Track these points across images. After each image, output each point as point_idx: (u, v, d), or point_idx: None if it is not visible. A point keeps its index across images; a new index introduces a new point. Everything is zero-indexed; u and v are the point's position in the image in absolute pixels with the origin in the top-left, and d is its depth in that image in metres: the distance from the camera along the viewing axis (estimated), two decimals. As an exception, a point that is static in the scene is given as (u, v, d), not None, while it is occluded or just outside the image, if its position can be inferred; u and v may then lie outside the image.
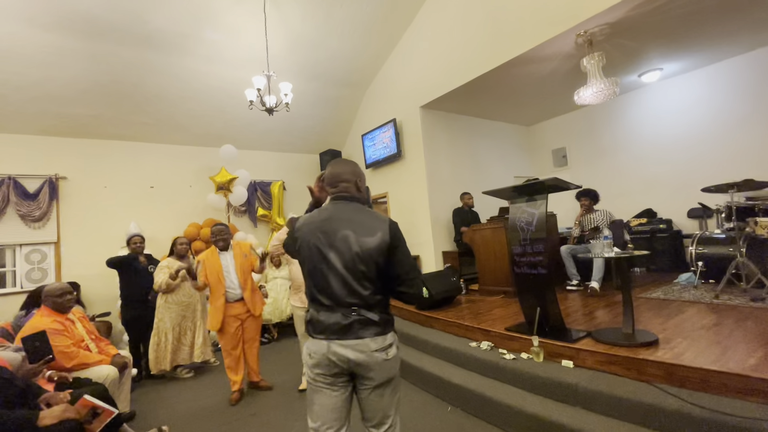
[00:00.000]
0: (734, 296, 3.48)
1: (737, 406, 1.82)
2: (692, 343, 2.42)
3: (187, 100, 5.44)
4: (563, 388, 2.35)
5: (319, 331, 1.46)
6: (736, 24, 3.99)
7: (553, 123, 7.11)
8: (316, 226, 1.51)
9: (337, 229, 1.47)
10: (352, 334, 1.42)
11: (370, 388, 1.46)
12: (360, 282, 1.43)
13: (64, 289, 2.81)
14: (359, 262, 1.43)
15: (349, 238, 1.45)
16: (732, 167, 4.72)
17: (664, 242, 5.21)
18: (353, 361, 1.41)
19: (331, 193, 1.60)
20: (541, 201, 2.94)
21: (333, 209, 1.55)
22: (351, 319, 1.42)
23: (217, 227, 3.37)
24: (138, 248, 4.16)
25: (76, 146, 5.27)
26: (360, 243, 1.44)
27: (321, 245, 1.47)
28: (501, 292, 4.60)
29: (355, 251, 1.43)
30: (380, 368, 1.43)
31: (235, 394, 3.27)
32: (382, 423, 1.49)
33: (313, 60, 5.69)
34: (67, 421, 1.91)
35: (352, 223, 1.48)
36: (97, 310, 4.83)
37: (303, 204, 7.07)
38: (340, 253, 1.45)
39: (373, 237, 1.44)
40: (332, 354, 1.42)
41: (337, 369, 1.44)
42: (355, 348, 1.41)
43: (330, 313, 1.45)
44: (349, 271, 1.43)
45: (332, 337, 1.43)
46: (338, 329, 1.42)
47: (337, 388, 1.47)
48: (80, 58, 4.46)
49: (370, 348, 1.42)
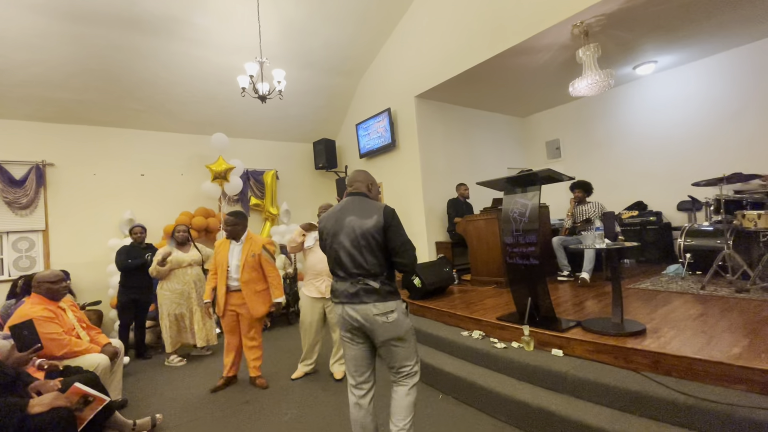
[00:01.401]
0: (720, 287, 3.56)
1: (721, 394, 1.87)
2: (679, 332, 2.47)
3: (177, 86, 5.33)
4: (553, 376, 2.39)
5: (336, 296, 1.87)
6: (730, 16, 3.99)
7: (547, 114, 7.11)
8: (332, 216, 1.93)
9: (345, 216, 1.87)
10: (357, 299, 1.78)
11: (380, 343, 1.82)
12: (363, 256, 1.79)
13: (59, 275, 2.80)
14: (361, 239, 1.79)
15: (353, 222, 1.83)
16: (723, 161, 4.77)
17: (654, 234, 5.28)
18: (359, 322, 1.78)
19: (347, 192, 2.03)
20: (534, 192, 2.96)
21: (345, 202, 1.96)
22: (357, 287, 1.78)
23: (227, 216, 3.28)
24: (139, 238, 4.33)
25: (63, 132, 5.15)
26: (360, 224, 1.81)
27: (335, 229, 1.87)
28: (493, 282, 4.65)
29: (358, 231, 1.80)
30: (382, 329, 1.76)
31: (220, 380, 3.31)
32: (401, 369, 1.85)
33: (306, 47, 5.60)
34: (58, 409, 1.90)
35: (356, 210, 1.87)
36: (87, 299, 4.79)
37: (296, 194, 7.04)
38: (346, 233, 1.83)
39: (370, 219, 1.81)
40: (345, 315, 1.82)
41: (351, 327, 1.83)
42: (359, 311, 1.77)
43: (342, 282, 1.84)
44: (354, 248, 1.80)
45: (344, 301, 1.81)
46: (348, 295, 1.80)
47: (356, 343, 1.87)
48: (67, 41, 4.33)
49: (372, 312, 1.75)
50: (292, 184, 7.08)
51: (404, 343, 1.82)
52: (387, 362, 1.86)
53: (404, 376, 1.85)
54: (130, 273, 4.19)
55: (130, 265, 4.14)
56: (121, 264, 4.16)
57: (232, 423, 2.70)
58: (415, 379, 1.87)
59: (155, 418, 2.68)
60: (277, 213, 6.52)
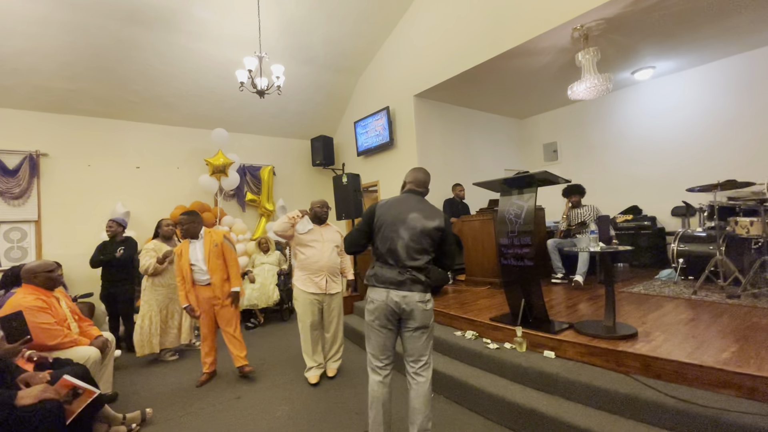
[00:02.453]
0: (712, 293, 3.59)
1: (709, 398, 1.89)
2: (669, 336, 2.49)
3: (174, 79, 5.28)
4: (544, 378, 2.40)
5: (381, 282, 1.98)
6: (729, 24, 4.02)
7: (545, 117, 7.13)
8: (393, 206, 2.06)
9: (408, 211, 2.03)
10: (405, 287, 1.94)
11: (411, 330, 1.96)
12: (418, 251, 1.97)
13: (53, 265, 2.79)
14: (421, 236, 1.98)
15: (417, 219, 2.00)
16: (717, 168, 4.81)
17: (648, 239, 5.32)
18: (400, 307, 1.93)
19: (408, 188, 2.17)
20: (530, 194, 2.96)
21: (406, 197, 2.11)
22: (405, 277, 1.95)
23: (180, 217, 3.33)
24: (112, 232, 4.24)
25: (58, 122, 5.09)
26: (424, 224, 1.99)
27: (394, 220, 2.01)
28: (487, 283, 4.66)
29: (420, 229, 1.98)
30: (421, 315, 1.95)
31: (203, 376, 3.36)
32: (419, 360, 1.99)
33: (306, 43, 5.57)
34: (46, 401, 1.88)
35: (420, 209, 2.04)
36: (79, 291, 4.75)
37: (293, 189, 7.02)
38: (408, 227, 1.99)
39: (433, 221, 2.00)
40: (389, 299, 1.94)
41: (390, 312, 1.95)
42: (404, 298, 1.93)
43: (390, 270, 1.98)
44: (412, 242, 1.97)
45: (390, 287, 1.95)
46: (396, 282, 1.95)
47: (388, 329, 1.99)
48: (63, 30, 4.28)
49: (416, 299, 1.94)
50: (289, 180, 7.05)
51: (429, 332, 2.01)
52: (411, 352, 2.00)
53: (423, 366, 1.99)
54: (105, 268, 4.17)
55: (100, 261, 4.11)
56: (92, 260, 4.14)
57: (223, 418, 2.69)
58: (431, 371, 2.02)
59: (145, 413, 2.66)
60: (273, 209, 6.49)
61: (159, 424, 2.65)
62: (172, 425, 2.63)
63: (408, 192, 2.16)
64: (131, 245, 4.26)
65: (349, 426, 2.49)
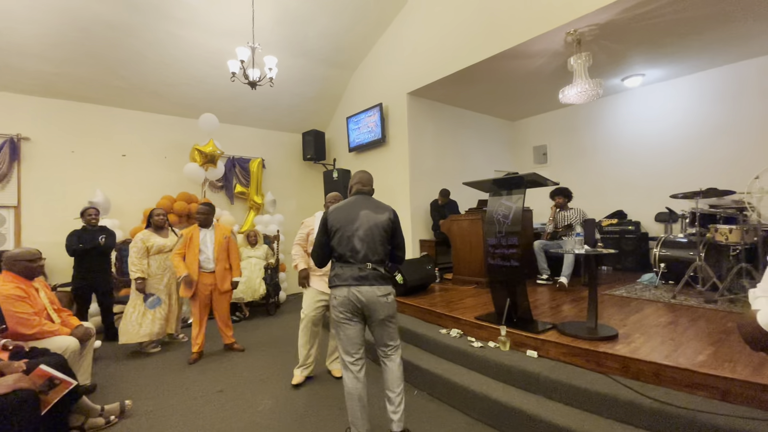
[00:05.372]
0: (690, 297, 3.69)
1: (684, 399, 1.94)
2: (649, 339, 2.56)
3: (164, 66, 5.17)
4: (526, 377, 2.44)
5: (342, 280, 2.07)
6: (718, 36, 4.11)
7: (536, 120, 7.21)
8: (343, 209, 2.18)
9: (359, 209, 2.17)
10: (366, 282, 2.05)
11: (376, 321, 2.10)
12: (374, 245, 2.10)
13: (35, 254, 2.72)
14: (374, 230, 2.12)
15: (368, 215, 2.15)
16: (701, 176, 4.92)
17: (632, 243, 5.43)
18: (362, 302, 2.04)
19: (356, 189, 2.30)
20: (518, 195, 2.99)
21: (355, 199, 2.25)
22: (366, 272, 2.06)
23: (200, 206, 3.77)
24: (93, 220, 4.18)
25: (41, 105, 4.93)
26: (375, 218, 2.14)
27: (348, 219, 2.13)
28: (474, 282, 4.70)
29: (372, 223, 2.12)
30: (383, 308, 2.07)
31: (194, 355, 3.64)
32: (388, 345, 2.17)
33: (301, 36, 5.51)
34: (21, 391, 1.84)
35: (369, 206, 2.19)
36: (58, 280, 4.63)
37: (282, 183, 6.96)
38: (361, 223, 2.12)
39: (383, 215, 2.17)
40: (351, 295, 2.04)
41: (353, 307, 2.06)
42: (364, 293, 2.04)
43: (350, 267, 2.07)
44: (367, 236, 2.10)
45: (351, 284, 2.05)
46: (356, 278, 2.05)
47: (354, 323, 2.10)
48: (50, 11, 4.14)
49: (376, 294, 2.05)
50: (279, 173, 6.98)
51: (394, 321, 2.18)
52: (379, 340, 2.17)
53: (393, 349, 2.18)
54: (83, 257, 4.05)
55: (80, 249, 4.00)
56: (71, 249, 4.01)
57: (204, 411, 2.66)
58: (401, 351, 2.23)
59: (124, 404, 2.62)
60: (262, 202, 6.42)
61: (139, 416, 2.61)
62: (152, 418, 2.59)
63: (356, 194, 2.30)
64: (111, 233, 4.20)
65: (332, 420, 2.49)
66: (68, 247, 4.05)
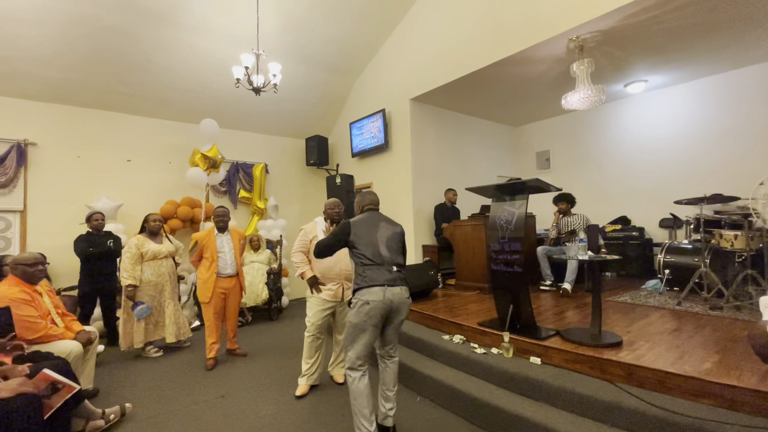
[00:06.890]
0: (695, 304, 3.65)
1: (690, 407, 1.91)
2: (653, 346, 2.53)
3: (170, 72, 5.23)
4: (530, 384, 2.42)
5: (375, 282, 2.18)
6: (721, 42, 4.11)
7: (539, 125, 7.21)
8: (363, 221, 2.40)
9: (377, 222, 2.41)
10: (396, 284, 2.21)
11: (395, 323, 2.27)
12: (395, 252, 2.34)
13: (37, 258, 2.72)
14: (393, 240, 2.37)
15: (386, 227, 2.41)
16: (705, 181, 4.90)
17: (636, 249, 5.40)
18: (393, 302, 2.17)
19: (368, 207, 2.55)
20: (521, 201, 2.99)
21: (370, 214, 2.48)
22: (394, 275, 2.23)
23: (220, 209, 3.75)
24: (99, 225, 4.22)
25: (48, 111, 5.00)
26: (392, 229, 2.42)
27: (370, 229, 2.35)
28: (477, 288, 4.68)
29: (390, 233, 2.38)
30: (406, 308, 2.27)
31: (211, 361, 3.57)
32: (392, 344, 2.35)
33: (304, 42, 5.56)
34: (24, 395, 1.84)
35: (384, 220, 2.46)
36: (63, 284, 4.66)
37: (285, 189, 6.99)
38: (383, 233, 2.36)
39: (397, 228, 2.47)
40: (386, 298, 2.14)
41: (385, 309, 2.15)
42: (396, 294, 2.18)
43: (379, 268, 2.22)
44: (389, 244, 2.33)
45: (386, 284, 2.17)
46: (389, 279, 2.20)
47: (377, 329, 2.20)
48: (58, 18, 4.21)
49: (404, 295, 2.24)
50: (282, 179, 7.01)
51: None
52: (388, 340, 2.32)
53: (394, 349, 2.36)
54: (92, 261, 4.09)
55: (93, 252, 4.03)
56: (83, 252, 4.03)
57: (205, 417, 2.65)
58: (398, 353, 2.42)
59: (124, 408, 2.62)
60: (265, 207, 6.45)
61: (140, 420, 2.61)
62: (153, 423, 2.59)
63: (370, 210, 2.54)
64: (116, 238, 4.23)
65: (334, 426, 2.48)
66: (80, 251, 4.07)
